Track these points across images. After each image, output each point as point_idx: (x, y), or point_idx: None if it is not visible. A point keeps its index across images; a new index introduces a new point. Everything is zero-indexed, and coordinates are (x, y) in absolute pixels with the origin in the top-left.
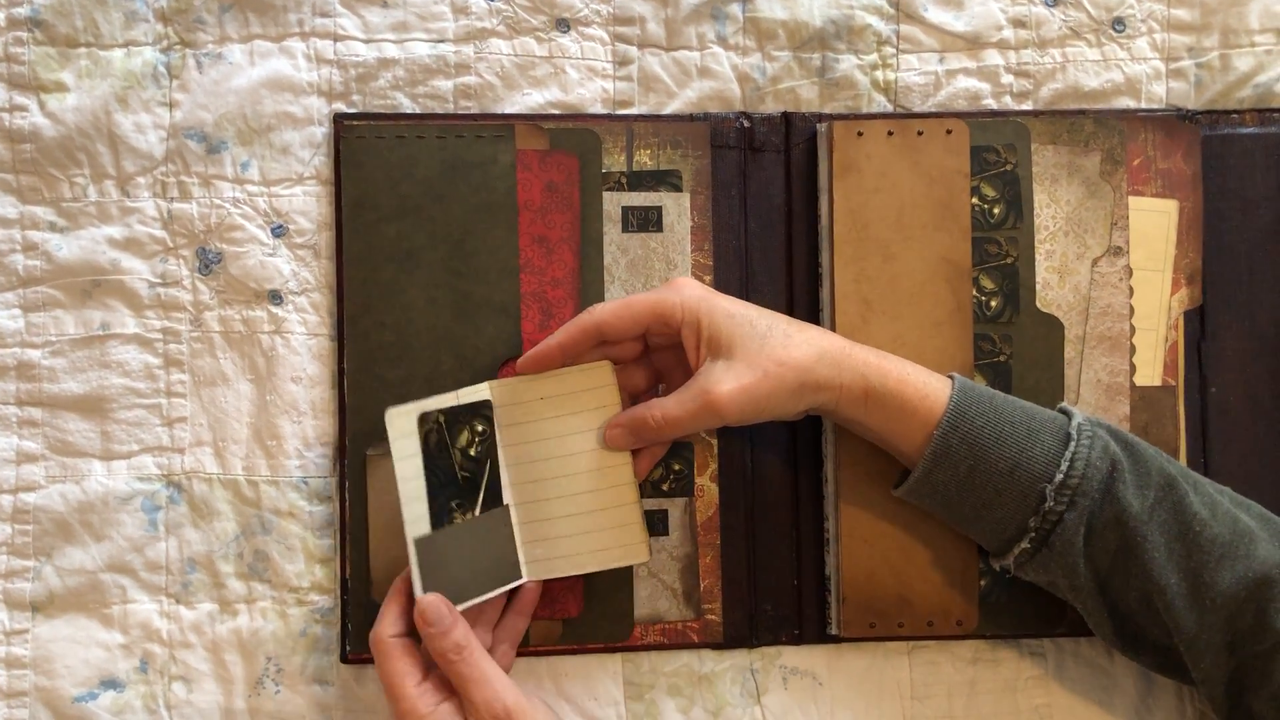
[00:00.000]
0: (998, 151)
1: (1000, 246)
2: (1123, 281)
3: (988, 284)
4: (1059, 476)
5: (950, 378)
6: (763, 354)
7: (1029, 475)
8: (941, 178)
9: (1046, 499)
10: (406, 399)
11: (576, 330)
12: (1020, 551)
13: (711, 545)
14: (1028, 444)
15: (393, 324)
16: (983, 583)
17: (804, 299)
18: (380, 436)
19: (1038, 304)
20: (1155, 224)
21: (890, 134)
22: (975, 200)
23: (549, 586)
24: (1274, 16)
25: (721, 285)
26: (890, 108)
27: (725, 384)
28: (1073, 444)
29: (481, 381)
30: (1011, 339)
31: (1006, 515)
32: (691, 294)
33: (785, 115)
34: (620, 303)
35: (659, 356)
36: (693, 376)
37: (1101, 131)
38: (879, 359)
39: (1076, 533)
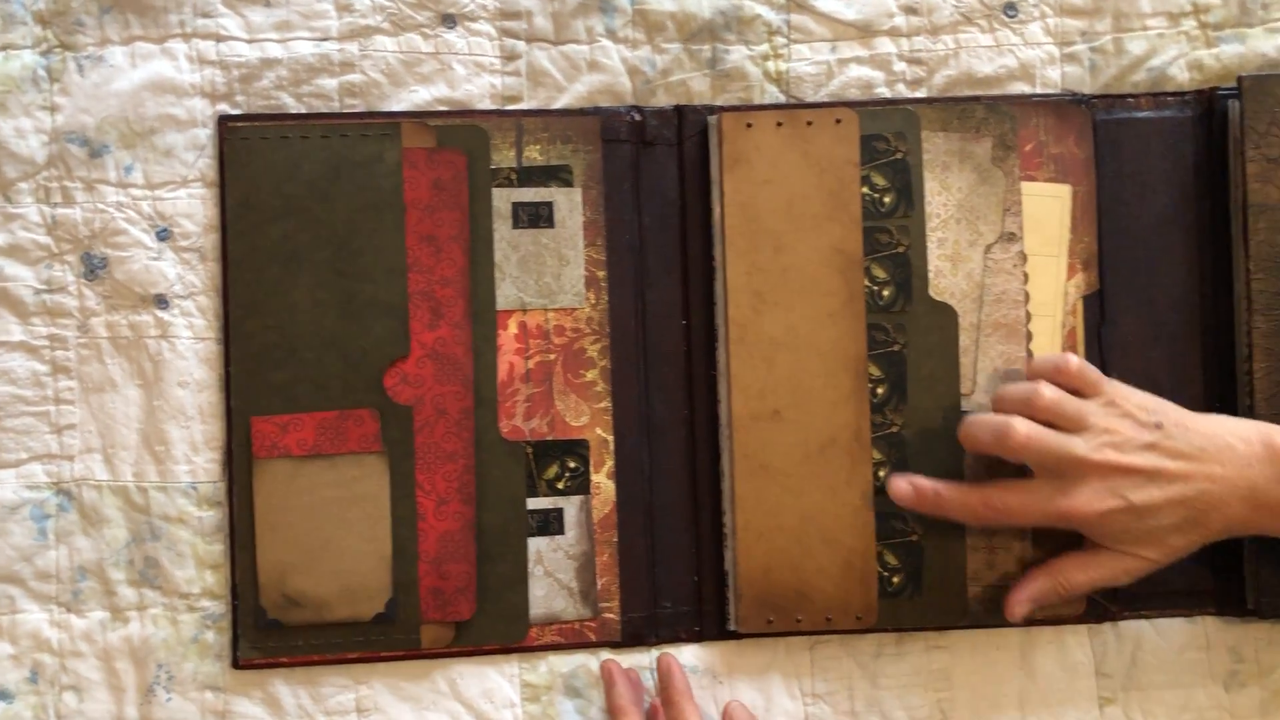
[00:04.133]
0: (888, 140)
1: (891, 235)
2: (1017, 268)
3: (880, 273)
4: None
5: None
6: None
7: None
8: (831, 168)
9: None
10: (292, 402)
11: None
12: None
13: (609, 543)
14: None
15: (278, 326)
16: (893, 578)
17: (699, 293)
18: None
19: (930, 292)
20: (1049, 209)
21: (779, 125)
22: (865, 189)
23: (441, 587)
24: (1166, 0)
25: (616, 280)
26: (783, 98)
27: (1137, 569)
28: None
29: (371, 384)
30: (905, 328)
31: None
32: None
33: (677, 108)
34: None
35: None
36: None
37: (993, 118)
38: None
39: None
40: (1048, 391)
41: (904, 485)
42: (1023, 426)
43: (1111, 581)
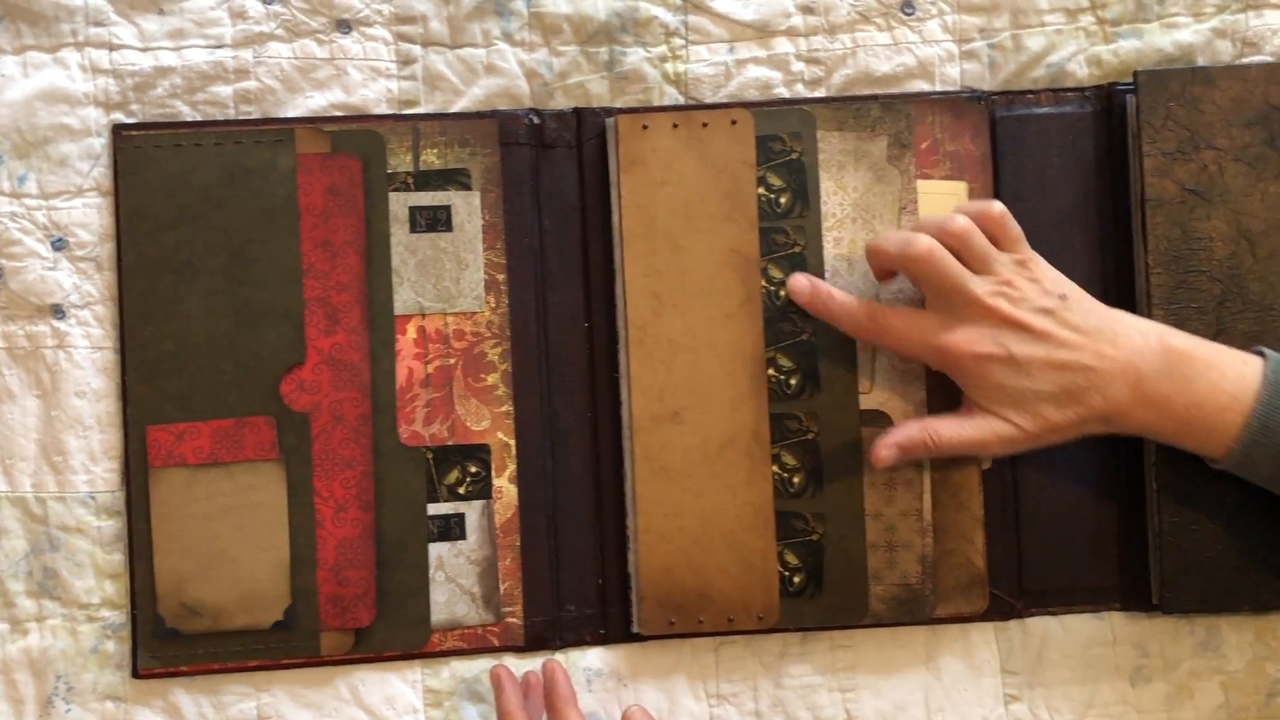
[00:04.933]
0: (783, 140)
1: (788, 235)
2: None
3: (776, 274)
4: None
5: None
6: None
7: None
8: (728, 168)
9: None
10: (188, 410)
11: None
12: None
13: (511, 547)
14: None
15: (173, 334)
16: (794, 577)
17: (601, 295)
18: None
19: None
20: (945, 206)
21: (675, 126)
22: (762, 190)
23: (340, 594)
24: None
25: (516, 283)
26: (682, 99)
27: (1006, 432)
28: None
29: (267, 391)
30: (812, 317)
31: None
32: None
33: (576, 111)
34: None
35: None
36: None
37: (888, 116)
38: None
39: None
40: (963, 220)
41: (803, 281)
42: (928, 240)
43: (981, 447)
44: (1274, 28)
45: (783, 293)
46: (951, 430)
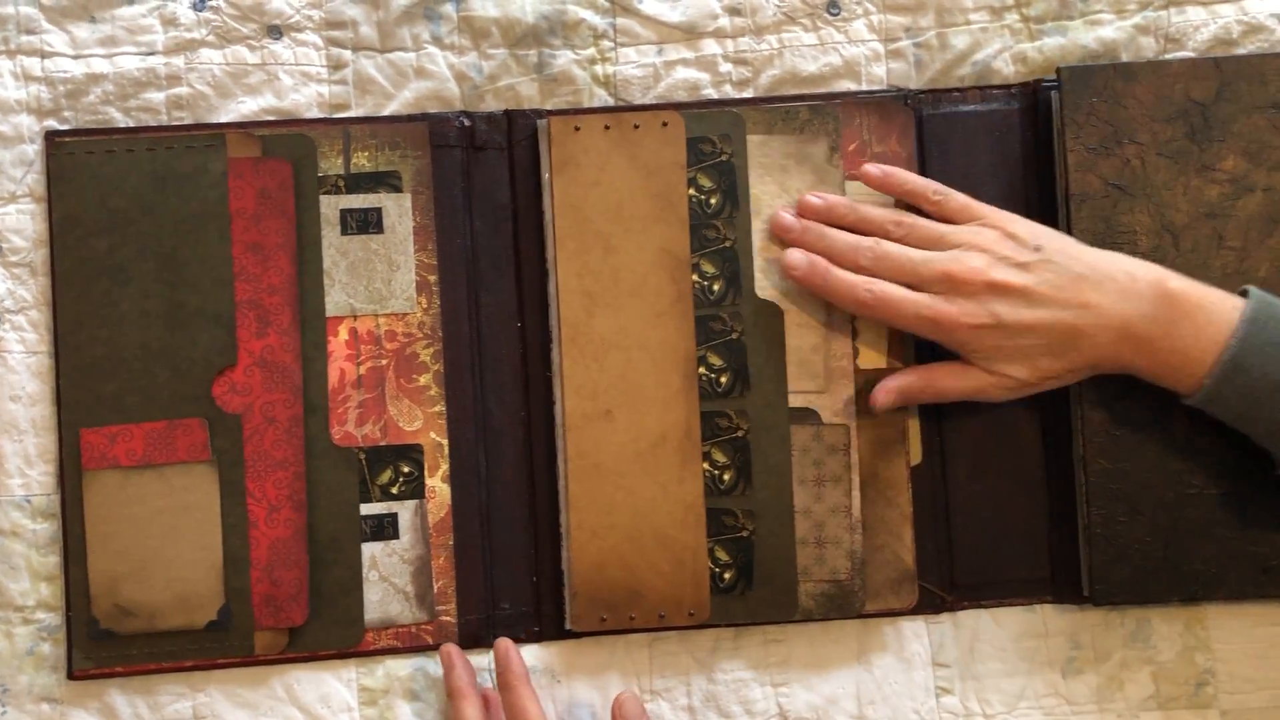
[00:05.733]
0: (713, 142)
1: (719, 231)
2: None
3: (709, 268)
4: None
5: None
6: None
7: None
8: (659, 170)
9: None
10: (121, 413)
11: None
12: None
13: (445, 546)
14: None
15: (106, 338)
16: (724, 574)
17: (534, 295)
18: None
19: (758, 292)
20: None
21: (607, 128)
22: (692, 191)
23: (273, 594)
24: None
25: (448, 284)
26: (612, 101)
27: (1005, 381)
28: None
29: (200, 393)
30: (742, 315)
31: None
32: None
33: (507, 113)
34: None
35: None
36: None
37: (817, 118)
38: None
39: None
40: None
41: (799, 256)
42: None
43: (981, 395)
44: (1195, 23)
45: (715, 287)
46: (953, 382)
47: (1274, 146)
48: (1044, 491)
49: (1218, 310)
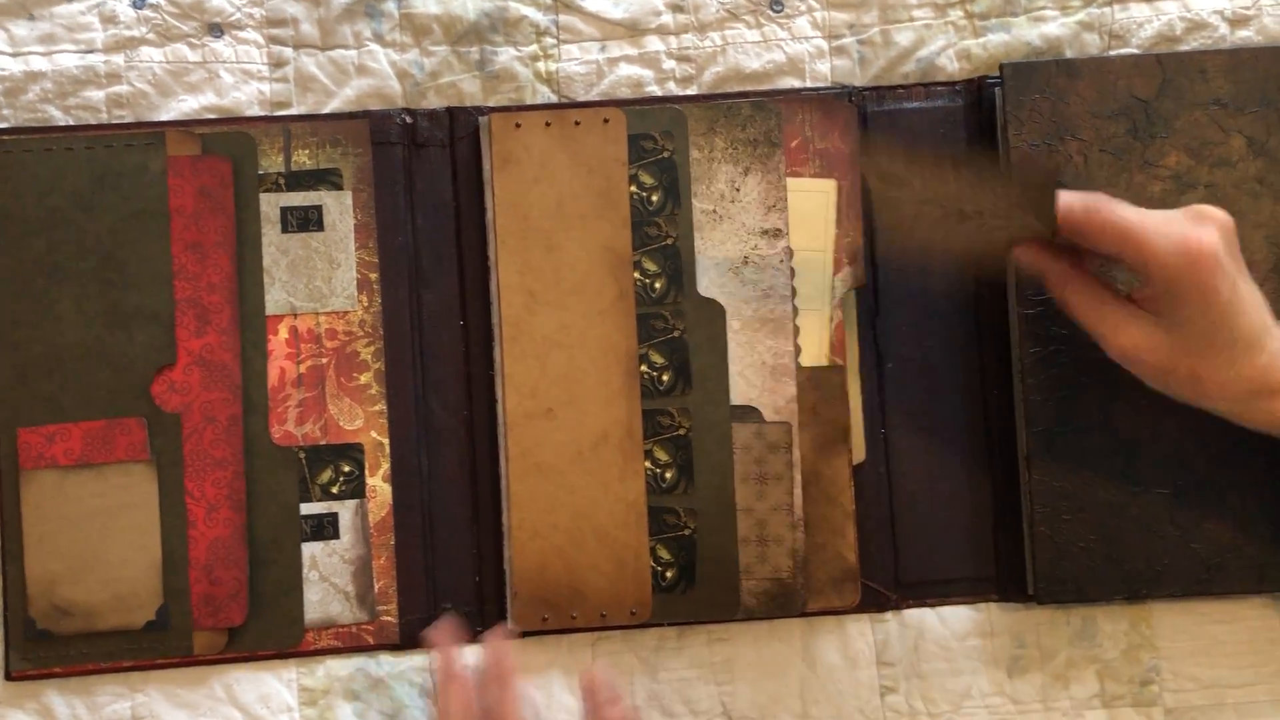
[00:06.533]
0: (655, 139)
1: (660, 229)
2: (784, 263)
3: (651, 266)
4: None
5: None
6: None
7: None
8: (600, 167)
9: None
10: (59, 412)
11: (1113, 224)
12: None
13: (386, 546)
14: None
15: (43, 337)
16: (666, 572)
17: (476, 293)
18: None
19: (700, 290)
20: (814, 204)
21: (548, 125)
22: (634, 188)
23: (212, 593)
24: None
25: (389, 282)
26: (555, 98)
27: (1141, 339)
28: None
29: (138, 392)
30: (684, 314)
31: None
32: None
33: (449, 110)
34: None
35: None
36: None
37: (758, 115)
38: None
39: None
40: None
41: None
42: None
43: (1128, 346)
44: (1139, 20)
45: (658, 285)
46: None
47: (1216, 143)
48: (990, 490)
49: None
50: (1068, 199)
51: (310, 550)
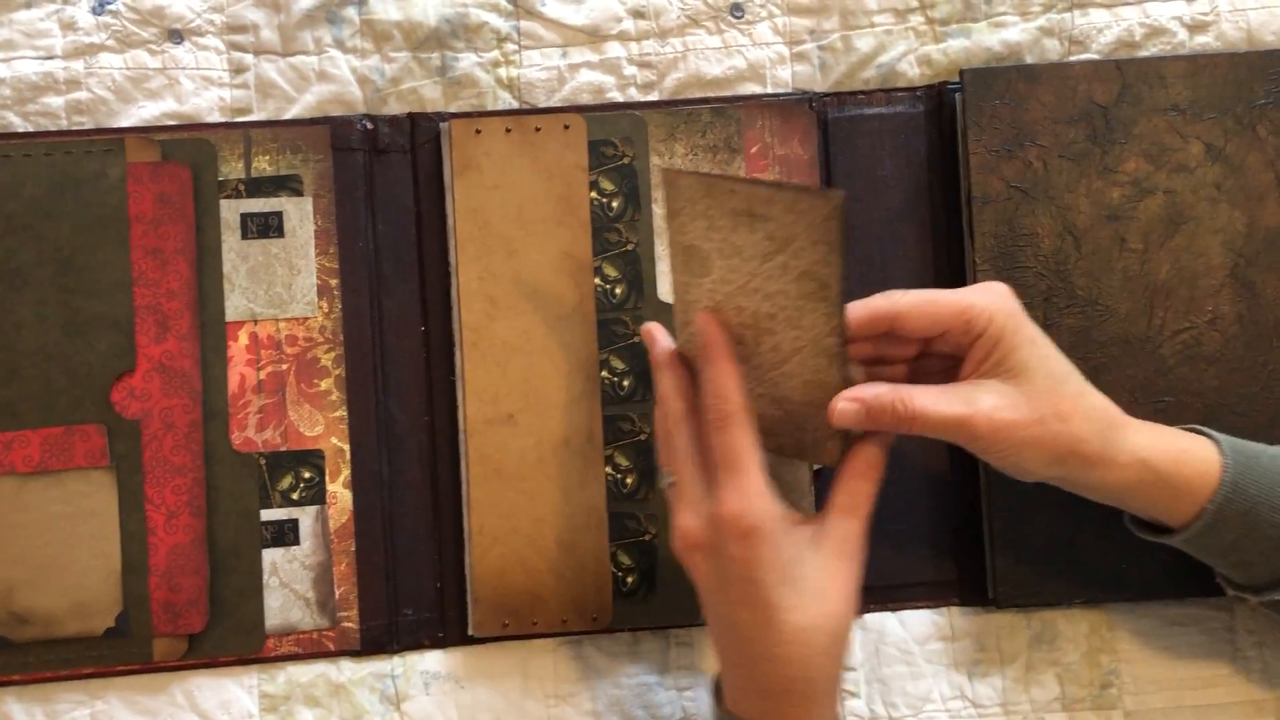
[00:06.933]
0: (615, 145)
1: (620, 234)
2: None
3: (611, 272)
4: None
5: (1212, 440)
6: (1049, 399)
7: None
8: (560, 173)
9: None
10: (17, 419)
11: (868, 312)
12: (1270, 600)
13: (346, 552)
14: None
15: (2, 344)
16: (627, 578)
17: (437, 299)
18: None
19: (660, 295)
20: None
21: (509, 131)
22: (594, 194)
23: (172, 600)
24: None
25: (350, 288)
26: (516, 104)
27: (997, 411)
28: None
29: (98, 398)
30: (644, 319)
31: (1267, 571)
32: (1004, 307)
33: (410, 116)
34: (924, 296)
35: (925, 362)
36: (961, 382)
37: (719, 120)
38: (1150, 434)
39: None
40: None
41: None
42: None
43: (965, 425)
44: (1099, 26)
45: (618, 290)
46: (930, 400)
47: (1174, 149)
48: (951, 494)
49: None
50: (861, 312)
51: (271, 556)
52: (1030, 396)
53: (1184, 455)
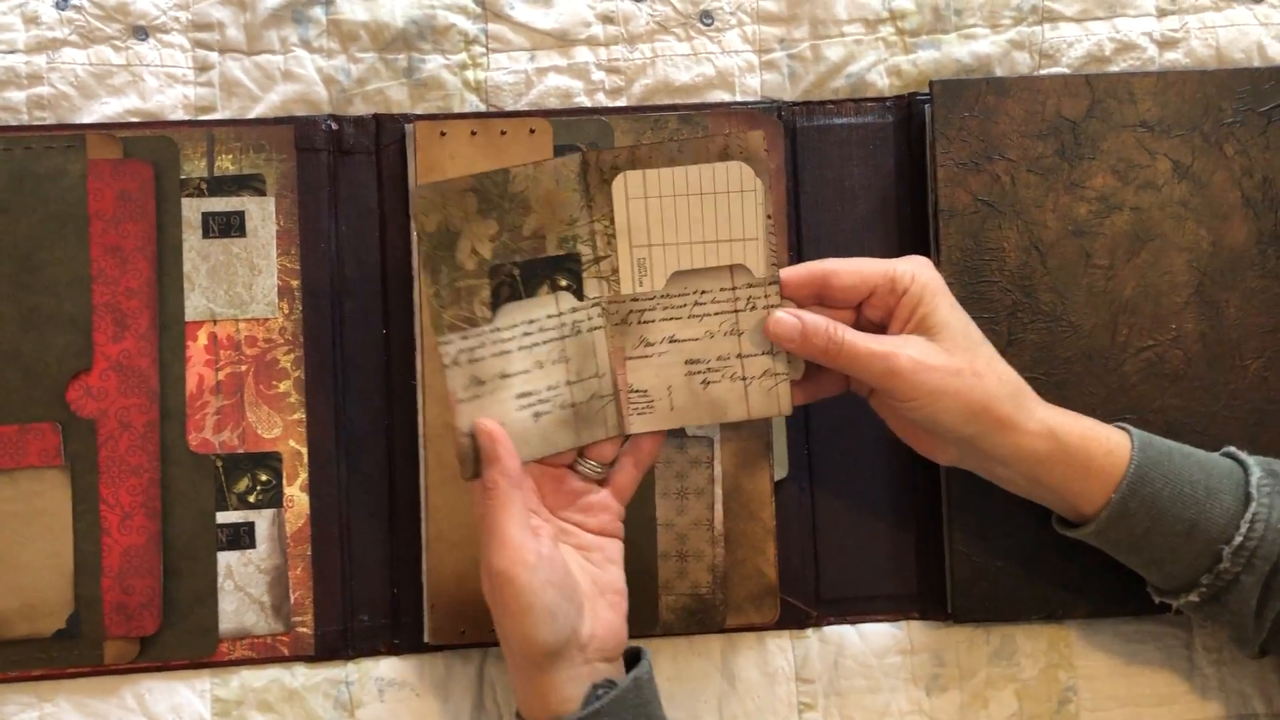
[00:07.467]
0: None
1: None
2: None
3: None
4: (1238, 539)
5: (1125, 430)
6: (966, 355)
7: (1206, 537)
8: None
9: (1223, 560)
10: None
11: (804, 272)
12: (1187, 602)
13: (302, 556)
14: (1206, 504)
15: None
16: None
17: (399, 302)
18: None
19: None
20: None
21: (474, 134)
22: None
23: (125, 602)
24: (860, 6)
25: (310, 288)
26: (483, 107)
27: (920, 355)
28: (1253, 505)
29: (53, 397)
30: None
31: (1179, 570)
32: (926, 272)
33: (375, 117)
34: (854, 259)
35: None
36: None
37: (685, 128)
38: (1060, 413)
39: (1252, 593)
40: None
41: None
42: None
43: (888, 360)
44: (1069, 40)
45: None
46: (860, 337)
47: (1142, 165)
48: (912, 508)
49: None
50: (797, 272)
51: (226, 559)
52: (950, 350)
53: (1092, 432)
